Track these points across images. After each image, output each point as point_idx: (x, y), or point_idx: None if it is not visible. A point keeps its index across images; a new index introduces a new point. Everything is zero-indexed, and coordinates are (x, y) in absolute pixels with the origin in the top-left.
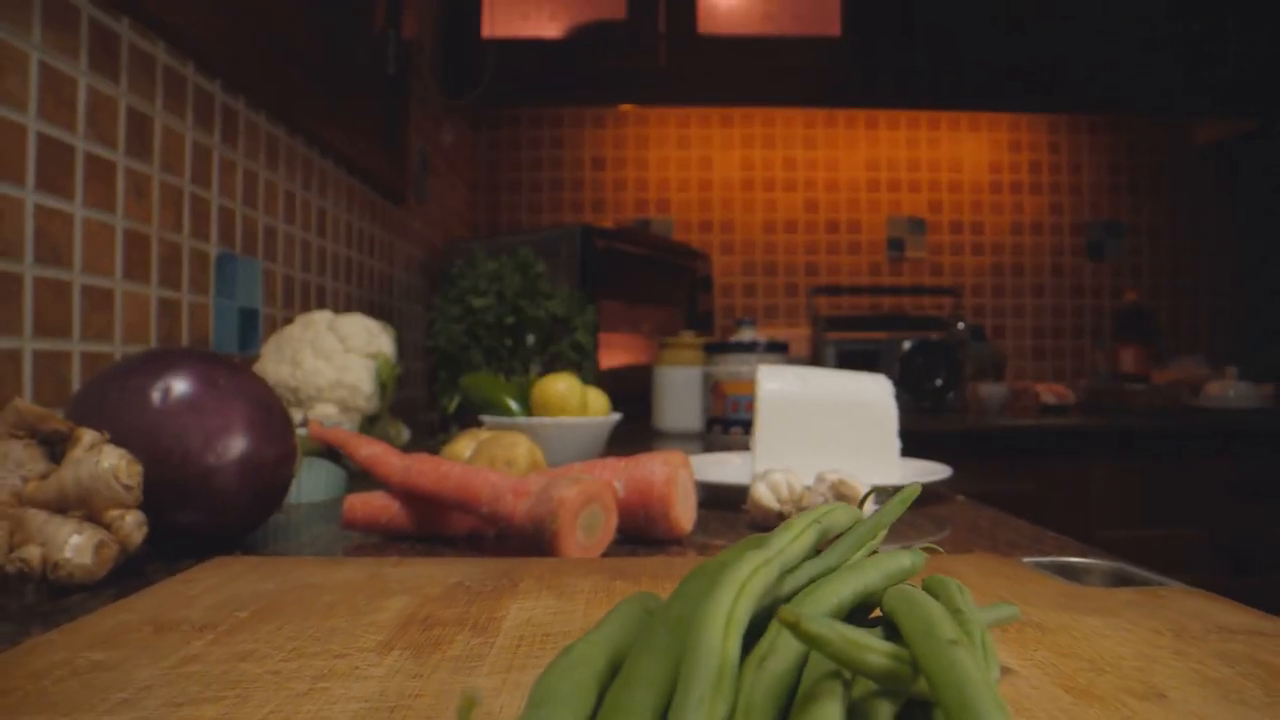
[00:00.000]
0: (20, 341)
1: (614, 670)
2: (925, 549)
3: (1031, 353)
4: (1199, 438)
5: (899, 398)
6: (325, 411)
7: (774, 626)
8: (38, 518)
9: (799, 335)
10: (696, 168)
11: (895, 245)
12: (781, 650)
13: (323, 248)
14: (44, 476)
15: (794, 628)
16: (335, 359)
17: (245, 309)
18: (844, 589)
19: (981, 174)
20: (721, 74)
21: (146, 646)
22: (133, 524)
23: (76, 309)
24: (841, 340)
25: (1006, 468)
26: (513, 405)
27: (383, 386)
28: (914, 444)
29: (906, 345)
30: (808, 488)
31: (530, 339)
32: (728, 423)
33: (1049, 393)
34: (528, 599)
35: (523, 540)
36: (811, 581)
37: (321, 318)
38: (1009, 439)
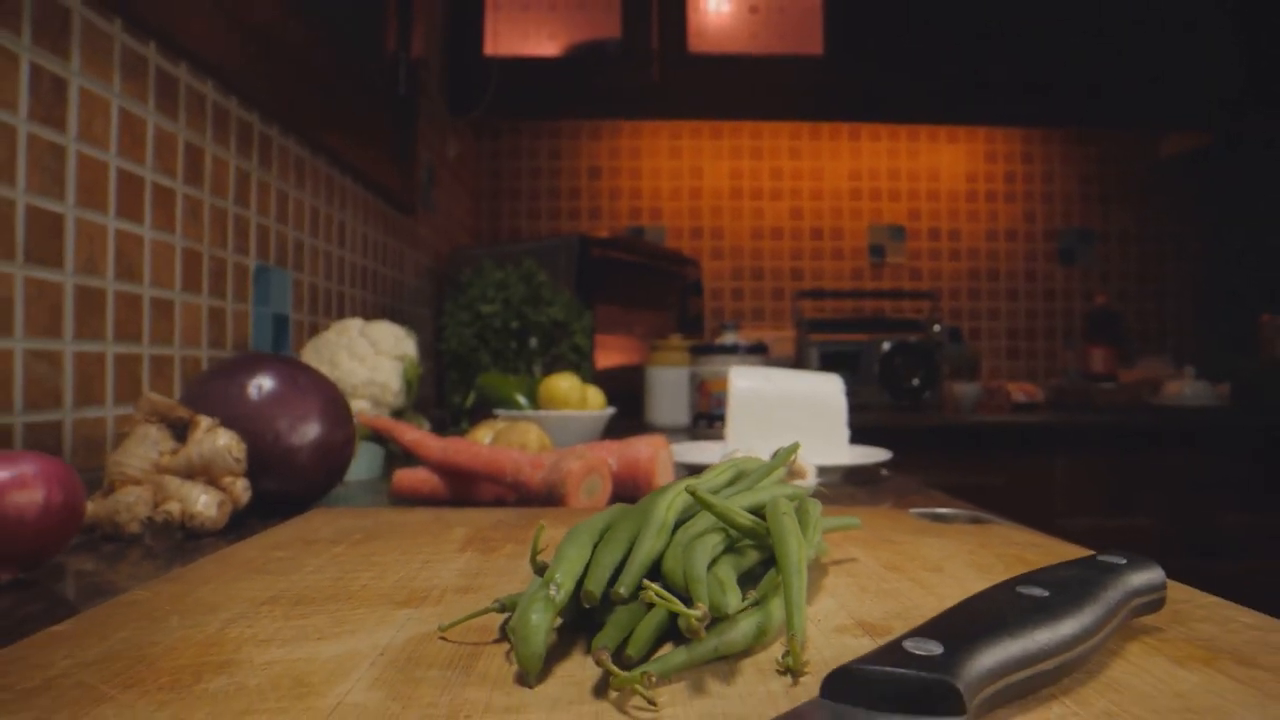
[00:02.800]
0: (104, 345)
1: (603, 535)
2: (816, 495)
3: (1006, 353)
4: (1156, 434)
5: (879, 396)
6: (360, 407)
7: (700, 514)
8: (173, 482)
9: (784, 337)
10: (687, 177)
11: (876, 251)
12: (698, 521)
13: (342, 258)
14: (174, 452)
15: (693, 494)
16: (367, 360)
17: (278, 315)
18: (741, 500)
19: (958, 183)
20: (711, 90)
21: (304, 551)
22: (241, 488)
23: (146, 318)
24: (824, 342)
25: (978, 461)
26: (521, 400)
27: (408, 384)
28: (892, 439)
29: (886, 346)
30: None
31: (533, 342)
32: (711, 418)
33: (1020, 391)
34: (548, 529)
35: (539, 503)
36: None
37: (354, 324)
38: (980, 435)
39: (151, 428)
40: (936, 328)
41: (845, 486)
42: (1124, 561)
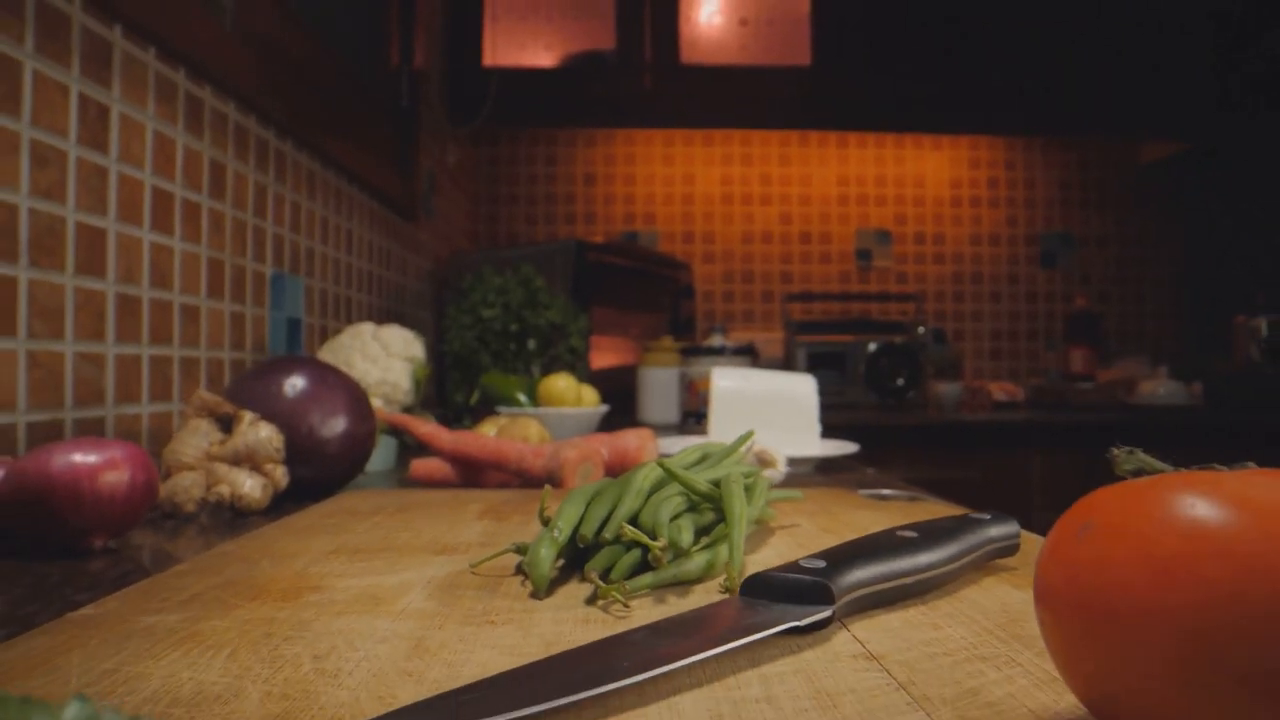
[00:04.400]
0: (140, 348)
1: (594, 497)
2: (787, 479)
3: (989, 354)
4: (1128, 431)
5: (865, 396)
6: (374, 405)
7: (671, 484)
8: (222, 468)
9: (773, 338)
10: (680, 183)
11: (863, 255)
12: (669, 489)
13: (349, 264)
14: (222, 442)
15: (663, 466)
16: (379, 362)
17: (292, 319)
18: (703, 474)
19: (943, 189)
20: (702, 99)
21: (350, 519)
22: (281, 474)
23: (176, 323)
24: (813, 343)
25: (958, 457)
26: (522, 398)
27: (417, 384)
28: (876, 437)
29: (872, 347)
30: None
31: (532, 344)
32: (700, 415)
33: (1000, 391)
34: (550, 503)
35: (540, 487)
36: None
37: (367, 328)
38: (960, 432)
39: (202, 421)
40: (921, 329)
41: (816, 475)
42: (989, 518)
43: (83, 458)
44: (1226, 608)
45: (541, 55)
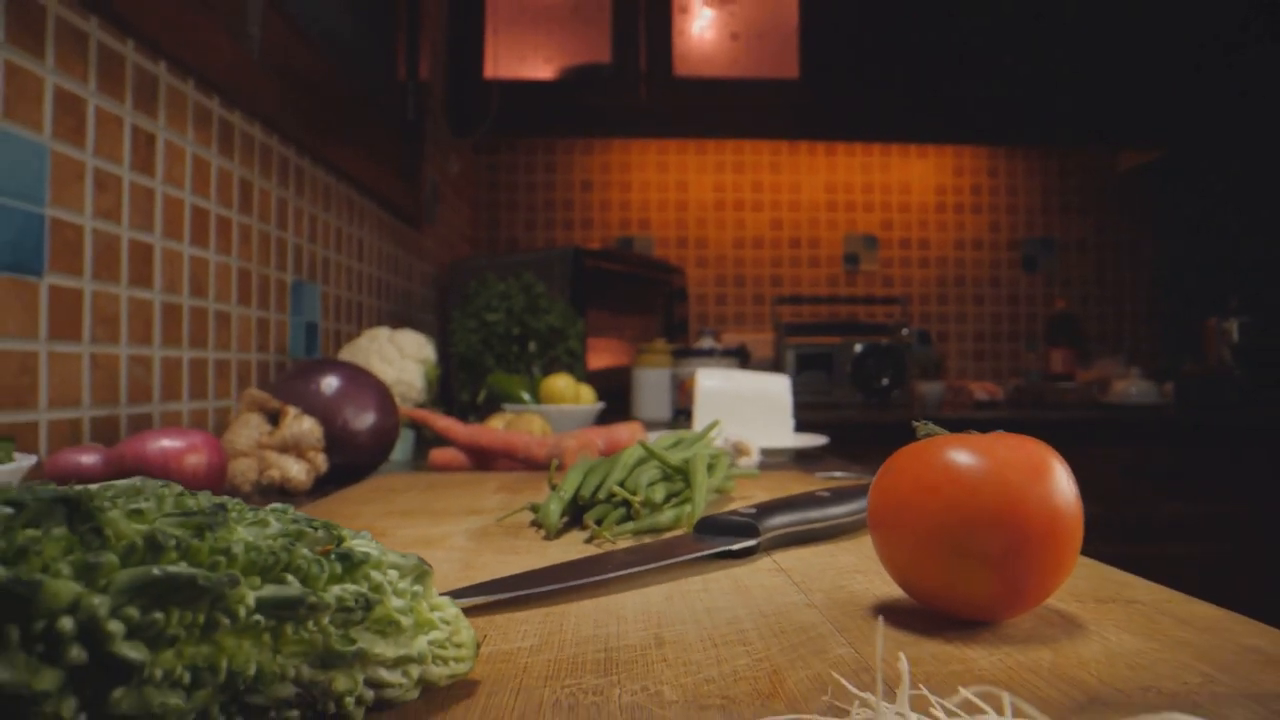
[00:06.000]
0: (181, 351)
1: (590, 470)
2: (761, 466)
3: (973, 355)
4: (1100, 427)
5: (851, 395)
6: None
7: (651, 461)
8: (272, 455)
9: (764, 340)
10: (674, 190)
11: (851, 259)
12: (648, 464)
13: (360, 271)
14: (271, 433)
15: (643, 446)
16: (395, 363)
17: (310, 323)
18: (676, 453)
19: (928, 196)
20: (695, 111)
21: (389, 494)
22: (322, 460)
23: (211, 328)
24: (801, 344)
25: None
26: (525, 396)
27: (429, 383)
28: (860, 435)
29: (858, 348)
30: (721, 444)
31: (533, 346)
32: (689, 412)
33: (981, 390)
34: (557, 475)
35: (544, 471)
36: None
37: (382, 332)
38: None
39: (253, 415)
40: (905, 331)
41: (789, 464)
42: None
43: (170, 442)
44: (957, 512)
45: (541, 68)
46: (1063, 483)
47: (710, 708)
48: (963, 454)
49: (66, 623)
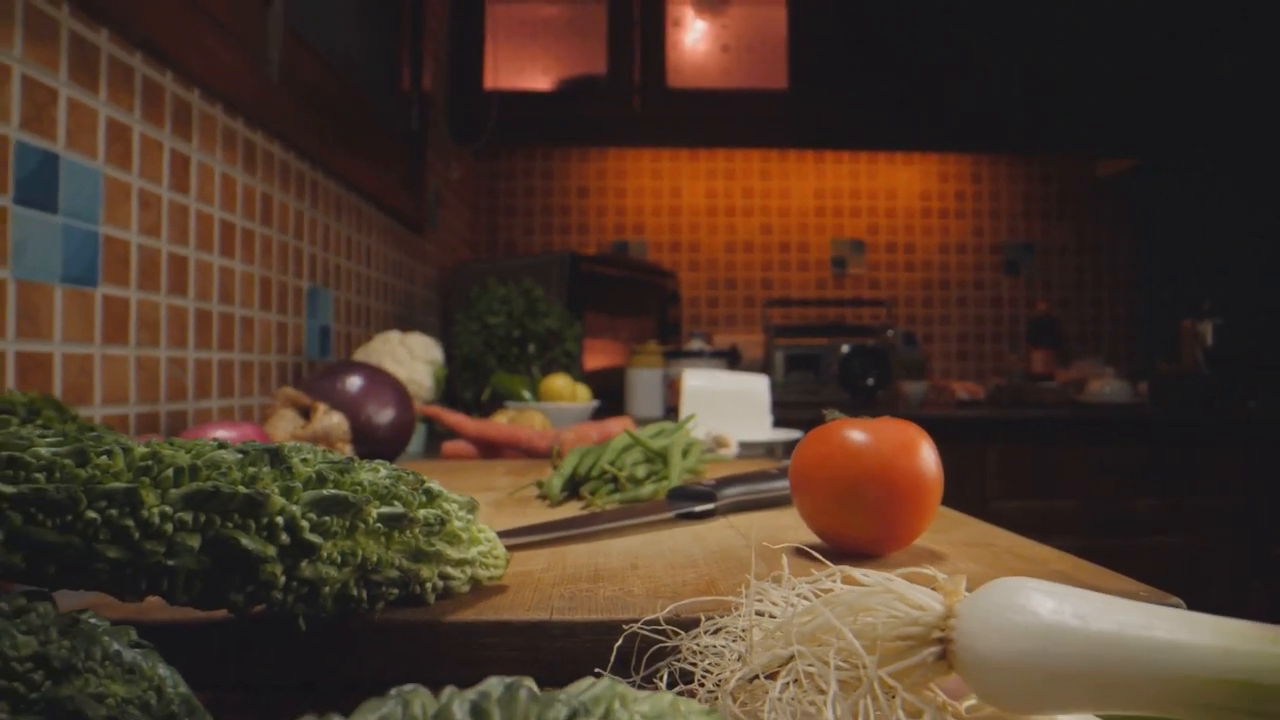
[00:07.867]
0: (211, 353)
1: (585, 453)
2: (741, 455)
3: (956, 356)
4: (1076, 426)
5: (838, 394)
6: None
7: (635, 446)
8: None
9: (754, 341)
10: (667, 196)
11: (838, 263)
12: (634, 449)
13: (369, 276)
14: (304, 427)
15: (629, 434)
16: (405, 364)
17: (323, 326)
18: (657, 441)
19: (913, 201)
20: (688, 120)
21: None
22: (350, 451)
23: (237, 332)
24: (790, 345)
25: None
26: (526, 395)
27: (436, 383)
28: None
29: (845, 349)
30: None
31: (532, 347)
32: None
33: (963, 389)
34: (558, 459)
35: (546, 460)
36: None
37: (394, 335)
38: (923, 427)
39: (288, 410)
40: (891, 332)
41: (764, 456)
42: None
43: (225, 434)
44: (847, 473)
45: (539, 79)
46: (926, 454)
47: (663, 597)
48: (855, 433)
49: (279, 519)
